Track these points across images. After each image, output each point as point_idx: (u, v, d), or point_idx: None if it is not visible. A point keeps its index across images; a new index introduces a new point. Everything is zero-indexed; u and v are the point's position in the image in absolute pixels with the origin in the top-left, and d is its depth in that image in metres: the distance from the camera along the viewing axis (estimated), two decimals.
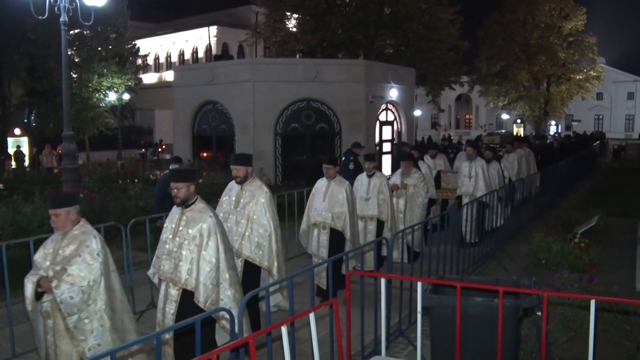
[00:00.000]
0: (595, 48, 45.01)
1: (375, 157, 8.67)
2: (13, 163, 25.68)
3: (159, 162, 28.92)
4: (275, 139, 18.89)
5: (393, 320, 5.83)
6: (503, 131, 53.73)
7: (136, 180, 16.24)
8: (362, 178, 8.35)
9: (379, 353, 5.06)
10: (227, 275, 4.77)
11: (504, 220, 10.03)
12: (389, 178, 9.13)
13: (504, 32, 43.15)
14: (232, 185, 6.04)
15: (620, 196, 16.31)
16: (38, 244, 6.14)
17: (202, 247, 4.67)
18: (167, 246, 4.81)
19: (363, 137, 18.86)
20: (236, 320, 3.69)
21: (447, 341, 4.55)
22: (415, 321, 4.80)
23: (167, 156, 28.90)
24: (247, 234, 5.70)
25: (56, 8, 8.96)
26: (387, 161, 20.47)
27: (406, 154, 9.94)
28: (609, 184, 20.32)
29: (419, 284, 4.56)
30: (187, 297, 4.66)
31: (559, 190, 15.02)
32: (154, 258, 5.03)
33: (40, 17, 9.27)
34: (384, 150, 21.04)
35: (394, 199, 8.71)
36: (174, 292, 4.73)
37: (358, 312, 5.05)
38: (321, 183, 7.59)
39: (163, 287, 4.84)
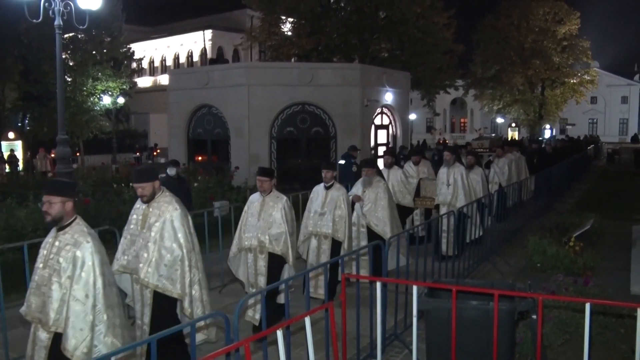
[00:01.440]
0: (589, 52, 45.24)
1: (332, 166, 7.66)
2: (7, 167, 25.57)
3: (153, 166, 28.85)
4: (270, 143, 18.88)
5: (389, 324, 5.82)
6: (493, 135, 52.45)
7: (131, 184, 16.16)
8: (318, 189, 7.45)
9: (375, 357, 5.06)
10: (104, 317, 3.92)
11: (482, 232, 9.40)
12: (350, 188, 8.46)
13: (498, 36, 43.33)
14: (139, 203, 5.17)
15: (614, 199, 16.37)
16: (32, 248, 6.12)
17: (73, 281, 3.89)
18: (36, 278, 4.06)
19: (358, 141, 18.87)
20: (231, 324, 3.67)
21: (443, 344, 4.54)
22: (411, 325, 4.80)
23: (162, 160, 28.85)
24: (153, 259, 4.82)
25: (50, 12, 8.93)
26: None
27: (368, 160, 8.84)
28: (604, 187, 20.38)
29: (415, 288, 4.56)
30: (59, 343, 3.92)
31: (553, 193, 15.04)
32: (27, 292, 4.21)
33: (34, 21, 9.24)
34: (379, 154, 21.06)
35: (355, 214, 8.05)
36: (44, 337, 3.96)
37: (354, 316, 5.03)
38: (255, 199, 6.60)
39: (32, 329, 4.08)
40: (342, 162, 13.06)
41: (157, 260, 4.80)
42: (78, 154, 31.32)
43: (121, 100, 32.11)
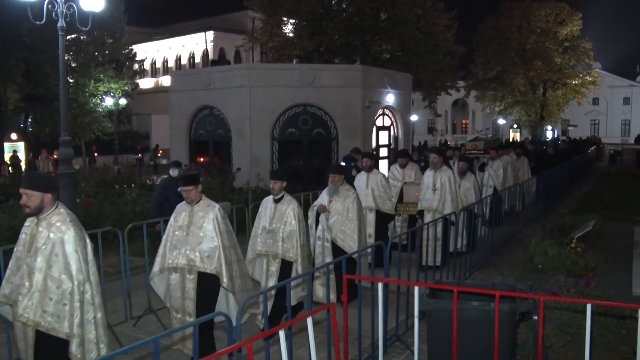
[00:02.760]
0: (591, 53, 45.22)
1: (281, 174, 6.55)
2: (9, 168, 25.60)
3: (155, 167, 28.90)
4: (272, 144, 18.88)
5: (390, 325, 5.83)
6: (489, 136, 50.14)
7: (133, 185, 16.22)
8: (267, 202, 6.54)
9: (377, 357, 5.07)
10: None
11: (467, 242, 8.78)
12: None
13: (499, 37, 43.31)
14: (29, 220, 4.31)
15: (616, 201, 16.36)
16: None
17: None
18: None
19: (360, 142, 18.87)
20: (234, 325, 3.69)
21: (444, 345, 4.56)
22: (413, 326, 4.81)
23: (164, 161, 28.87)
24: (36, 292, 4.01)
25: (53, 13, 8.96)
26: (384, 167, 20.49)
27: (335, 166, 7.85)
28: (605, 188, 20.37)
29: (416, 289, 4.57)
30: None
31: (554, 195, 15.01)
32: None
33: (37, 23, 9.27)
34: (381, 155, 21.06)
35: (320, 227, 7.26)
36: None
37: (355, 317, 5.05)
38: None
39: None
40: (342, 164, 13.02)
41: (42, 292, 3.99)
42: (96, 153, 31.38)
43: (123, 101, 32.14)
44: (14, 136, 29.96)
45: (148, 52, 46.30)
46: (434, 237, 7.79)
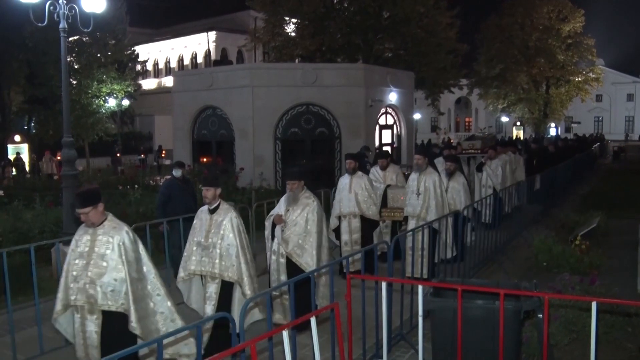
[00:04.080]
0: (594, 50, 45.11)
1: (214, 182, 5.74)
2: (13, 170, 25.68)
3: (159, 168, 28.95)
4: (275, 144, 18.89)
5: (394, 324, 5.82)
6: (487, 134, 46.67)
7: (136, 186, 16.24)
8: (201, 214, 5.79)
9: (381, 357, 5.06)
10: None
11: (457, 251, 8.16)
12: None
13: (502, 34, 43.24)
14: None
15: (620, 198, 16.30)
16: (38, 250, 6.14)
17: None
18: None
19: (363, 141, 18.84)
20: (237, 325, 3.68)
21: (449, 344, 4.55)
22: (417, 325, 4.80)
23: (168, 162, 28.91)
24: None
25: (55, 15, 8.96)
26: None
27: (291, 171, 6.67)
28: (609, 185, 20.31)
29: (420, 287, 4.56)
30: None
31: (557, 193, 14.93)
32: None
33: (39, 25, 9.28)
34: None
35: (275, 240, 6.39)
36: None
37: (359, 316, 5.04)
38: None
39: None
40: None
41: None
42: (118, 154, 31.40)
43: (126, 102, 32.18)
44: (17, 138, 30.10)
45: (150, 52, 46.33)
46: (419, 247, 6.96)
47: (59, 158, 22.40)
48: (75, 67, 28.91)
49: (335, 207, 8.78)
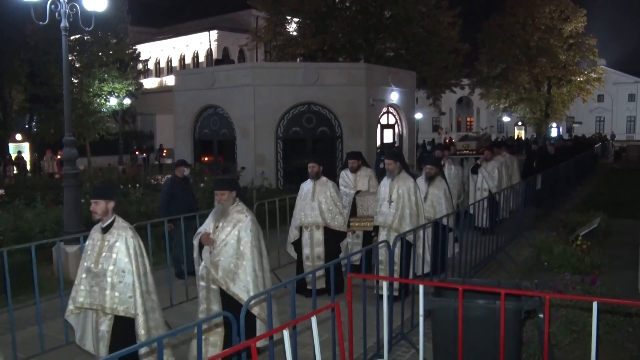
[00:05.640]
0: (595, 50, 45.07)
1: (104, 193, 4.82)
2: (14, 169, 25.70)
3: (160, 167, 28.95)
4: (276, 143, 18.90)
5: (395, 324, 5.82)
6: (483, 134, 45.11)
7: (137, 185, 16.25)
8: (94, 233, 4.89)
9: (382, 356, 5.06)
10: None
11: (441, 263, 7.38)
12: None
13: (504, 34, 43.23)
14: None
15: (622, 198, 16.29)
16: (39, 249, 6.14)
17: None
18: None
19: (364, 141, 18.90)
20: (239, 325, 3.68)
21: (450, 344, 4.54)
22: (418, 324, 4.80)
23: (169, 161, 28.92)
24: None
25: (57, 14, 8.96)
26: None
27: (220, 180, 5.71)
28: (611, 185, 20.29)
29: (421, 287, 4.55)
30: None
31: (559, 193, 14.88)
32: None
33: (40, 23, 9.27)
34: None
35: (203, 266, 5.19)
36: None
37: (360, 316, 5.04)
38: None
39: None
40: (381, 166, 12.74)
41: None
42: (138, 151, 31.25)
43: (127, 101, 32.19)
44: (18, 137, 30.09)
45: (152, 51, 46.36)
46: (389, 261, 5.99)
47: (59, 157, 22.41)
48: (77, 65, 28.93)
49: (296, 217, 7.79)
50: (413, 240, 6.57)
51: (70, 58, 22.99)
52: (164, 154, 31.84)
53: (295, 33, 29.21)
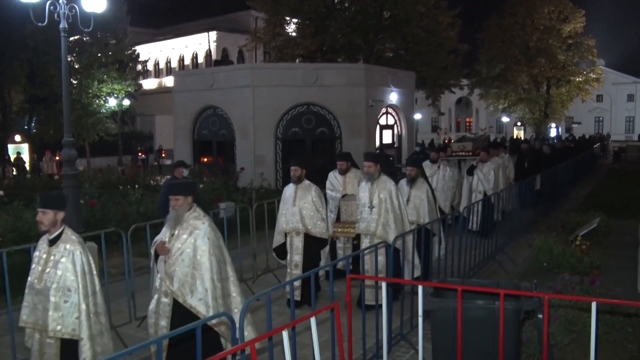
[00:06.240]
0: (594, 50, 45.06)
1: (53, 202, 4.42)
2: (14, 170, 25.70)
3: (160, 168, 28.95)
4: (275, 144, 18.90)
5: (394, 324, 5.82)
6: (480, 135, 43.40)
7: (137, 186, 16.26)
8: (41, 244, 4.54)
9: (381, 357, 5.06)
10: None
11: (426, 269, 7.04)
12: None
13: (503, 35, 43.22)
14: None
15: (621, 198, 16.29)
16: None
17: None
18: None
19: (364, 141, 18.90)
20: (237, 326, 3.68)
21: (449, 344, 4.54)
22: (417, 325, 4.80)
23: (168, 162, 28.93)
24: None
25: (56, 15, 8.96)
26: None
27: (174, 185, 5.29)
28: (610, 185, 20.30)
29: (420, 287, 4.55)
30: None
31: (558, 194, 14.85)
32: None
33: (39, 24, 9.28)
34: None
35: (159, 278, 4.77)
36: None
37: (359, 316, 5.03)
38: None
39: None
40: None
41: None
42: (140, 153, 31.20)
43: (126, 102, 32.17)
44: (18, 138, 30.09)
45: (151, 52, 46.33)
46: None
47: (58, 158, 22.41)
48: (76, 66, 28.92)
49: (279, 222, 7.43)
50: (401, 247, 6.30)
51: (69, 59, 23.01)
52: (163, 155, 31.84)
53: (294, 34, 29.21)
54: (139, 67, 35.05)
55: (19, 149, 29.05)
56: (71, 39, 26.91)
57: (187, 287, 4.56)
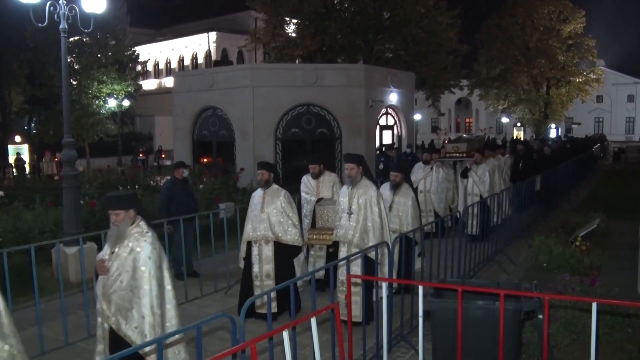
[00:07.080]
0: (594, 51, 45.05)
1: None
2: (14, 170, 25.72)
3: (159, 168, 28.95)
4: (275, 144, 18.90)
5: (395, 325, 5.82)
6: (476, 135, 40.00)
7: (136, 186, 16.25)
8: None
9: (381, 357, 5.06)
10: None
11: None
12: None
13: (503, 35, 43.21)
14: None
15: (621, 198, 16.29)
16: (39, 250, 6.13)
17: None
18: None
19: (363, 142, 18.90)
20: (237, 326, 3.68)
21: (449, 345, 4.55)
22: (417, 325, 4.80)
23: (168, 162, 28.94)
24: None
25: (55, 15, 8.96)
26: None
27: (112, 198, 4.57)
28: (610, 186, 20.30)
29: (420, 288, 4.55)
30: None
31: (557, 195, 14.83)
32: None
33: (39, 25, 9.27)
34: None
35: (99, 299, 4.36)
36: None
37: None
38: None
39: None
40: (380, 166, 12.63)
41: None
42: (142, 153, 31.24)
43: (126, 102, 32.20)
44: (18, 138, 30.13)
45: (151, 53, 46.36)
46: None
47: (58, 158, 22.41)
48: (76, 67, 28.94)
49: (246, 230, 6.91)
50: (375, 258, 5.89)
51: (69, 59, 23.01)
52: (163, 156, 31.86)
53: (294, 34, 29.21)
54: (139, 67, 35.08)
55: (19, 150, 29.08)
56: (71, 39, 26.94)
57: (123, 312, 4.21)
